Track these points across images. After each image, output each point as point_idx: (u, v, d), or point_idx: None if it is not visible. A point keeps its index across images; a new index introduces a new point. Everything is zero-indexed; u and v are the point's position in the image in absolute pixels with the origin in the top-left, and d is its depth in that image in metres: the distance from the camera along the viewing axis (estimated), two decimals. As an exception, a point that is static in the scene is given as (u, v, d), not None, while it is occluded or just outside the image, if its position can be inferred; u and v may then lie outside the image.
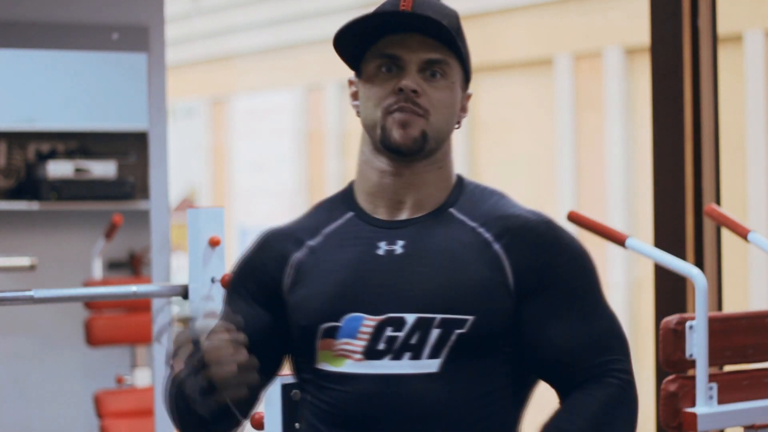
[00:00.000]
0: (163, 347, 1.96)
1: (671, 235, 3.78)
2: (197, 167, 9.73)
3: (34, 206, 4.69)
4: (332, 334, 1.98)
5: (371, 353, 1.96)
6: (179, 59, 9.01)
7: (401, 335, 1.95)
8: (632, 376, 2.00)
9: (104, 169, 4.75)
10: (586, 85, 6.55)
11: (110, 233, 4.75)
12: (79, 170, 4.73)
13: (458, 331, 1.94)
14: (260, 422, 2.55)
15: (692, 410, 2.70)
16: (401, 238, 2.00)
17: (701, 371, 2.71)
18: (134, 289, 2.83)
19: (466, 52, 2.04)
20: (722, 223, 3.21)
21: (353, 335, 1.97)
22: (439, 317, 1.95)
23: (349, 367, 1.97)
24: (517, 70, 6.94)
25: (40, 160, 4.73)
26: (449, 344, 1.95)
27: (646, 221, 4.63)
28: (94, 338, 4.73)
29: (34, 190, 4.71)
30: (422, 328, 1.95)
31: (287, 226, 2.09)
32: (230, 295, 2.09)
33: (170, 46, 4.50)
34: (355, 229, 2.03)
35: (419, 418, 1.94)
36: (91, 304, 4.71)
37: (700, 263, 3.76)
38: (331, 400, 1.98)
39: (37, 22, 4.27)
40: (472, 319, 1.95)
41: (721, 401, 2.76)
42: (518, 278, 1.97)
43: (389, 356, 1.95)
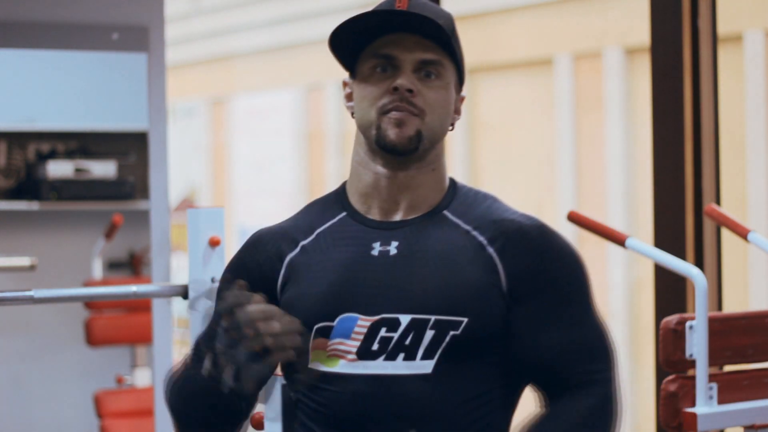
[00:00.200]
0: (163, 346, 1.98)
1: (671, 235, 3.78)
2: (197, 167, 9.72)
3: (34, 206, 4.69)
4: (325, 334, 1.98)
5: (365, 353, 1.96)
6: (179, 59, 9.01)
7: (395, 336, 1.95)
8: (616, 386, 1.99)
9: (104, 169, 4.75)
10: (586, 85, 6.55)
11: (110, 233, 4.75)
12: (79, 170, 4.73)
13: (452, 332, 1.95)
14: (260, 422, 2.55)
15: (692, 410, 2.70)
16: (395, 239, 2.00)
17: (701, 371, 2.71)
18: (134, 289, 2.83)
19: (460, 53, 2.04)
20: (722, 223, 3.21)
21: (347, 335, 1.97)
22: (433, 318, 1.95)
23: (342, 367, 1.97)
24: (517, 70, 6.94)
25: (40, 160, 4.73)
26: (443, 345, 1.95)
27: (646, 221, 4.63)
28: (94, 338, 4.73)
29: (34, 190, 4.71)
30: (416, 329, 1.95)
31: (279, 226, 2.09)
32: (224, 294, 2.09)
33: (170, 46, 4.50)
34: (348, 229, 2.03)
35: (412, 418, 1.94)
36: (91, 304, 4.71)
37: (700, 263, 3.76)
38: (324, 400, 1.98)
39: (37, 22, 4.27)
40: (466, 321, 1.95)
41: (721, 401, 2.76)
42: (511, 282, 1.98)
43: (383, 357, 1.96)
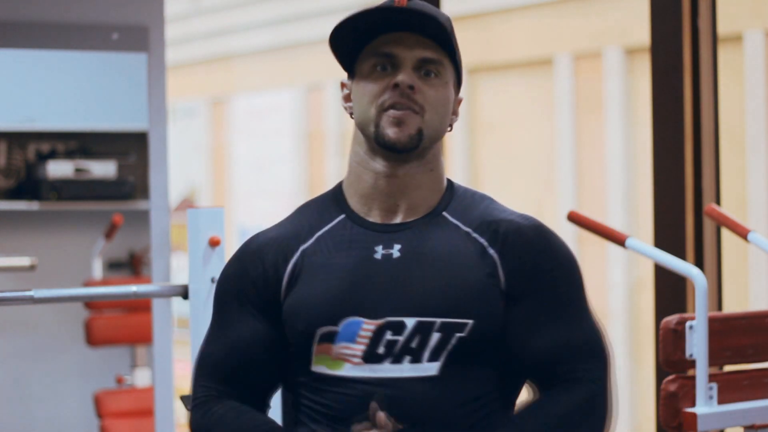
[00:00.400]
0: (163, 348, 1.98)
1: (671, 235, 3.78)
2: (197, 167, 9.72)
3: (34, 206, 4.69)
4: (330, 338, 1.97)
5: (371, 357, 1.96)
6: (179, 59, 9.01)
7: (401, 339, 1.95)
8: (607, 385, 1.99)
9: (104, 169, 4.75)
10: (586, 85, 6.55)
11: (110, 233, 4.75)
12: (79, 170, 4.72)
13: (458, 334, 1.95)
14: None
15: (692, 410, 2.70)
16: (398, 241, 2.00)
17: (701, 371, 2.71)
18: (134, 289, 2.83)
19: (459, 55, 2.04)
20: (722, 223, 3.21)
21: (352, 339, 1.96)
22: (439, 321, 1.95)
23: (348, 370, 1.97)
24: (517, 70, 6.94)
25: (40, 160, 4.73)
26: (449, 348, 1.95)
27: (646, 221, 4.63)
28: (94, 338, 4.73)
29: (34, 190, 4.70)
30: (422, 331, 1.95)
31: (277, 231, 2.07)
32: (229, 305, 2.06)
33: (170, 46, 4.50)
34: (349, 232, 2.02)
35: (418, 420, 1.94)
36: (91, 304, 4.71)
37: (700, 263, 3.76)
38: (329, 402, 1.98)
39: (37, 22, 4.27)
40: (471, 322, 1.95)
41: (721, 401, 2.76)
42: (509, 282, 1.98)
43: (389, 360, 1.95)
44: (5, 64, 4.51)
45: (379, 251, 2.00)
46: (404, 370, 1.95)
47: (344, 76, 2.09)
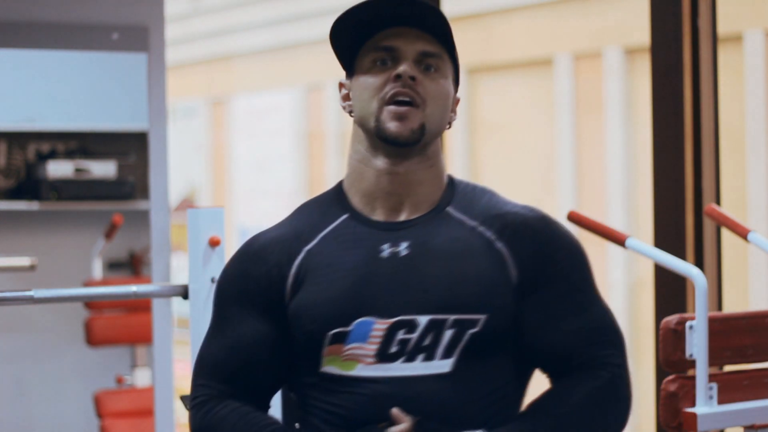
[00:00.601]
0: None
1: (671, 235, 3.78)
2: (197, 167, 9.72)
3: (34, 206, 4.69)
4: (341, 339, 1.97)
5: (384, 356, 1.95)
6: (179, 59, 9.00)
7: (414, 337, 1.95)
8: (626, 370, 2.01)
9: (104, 169, 4.75)
10: (586, 85, 6.54)
11: (110, 233, 4.75)
12: (79, 170, 4.72)
13: (471, 330, 1.95)
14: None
15: (692, 410, 2.70)
16: (404, 239, 2.00)
17: (701, 371, 2.71)
18: (134, 289, 2.83)
19: (457, 56, 2.05)
20: (722, 223, 3.20)
21: (364, 339, 1.96)
22: (452, 318, 1.95)
23: (360, 370, 1.96)
24: (517, 70, 6.93)
25: (40, 160, 4.73)
26: (462, 344, 1.95)
27: (646, 221, 4.63)
28: (94, 338, 4.73)
29: (34, 190, 4.71)
30: (435, 329, 1.95)
31: (278, 231, 2.06)
32: (231, 305, 2.05)
33: (170, 46, 4.50)
34: (353, 231, 2.02)
35: (432, 417, 1.94)
36: (91, 304, 4.71)
37: (700, 263, 3.76)
38: (342, 403, 1.97)
39: (37, 22, 4.27)
40: (484, 317, 1.95)
41: (721, 401, 2.75)
42: (520, 274, 1.99)
43: (402, 359, 1.95)
44: (5, 64, 4.51)
45: (385, 250, 1.99)
46: (417, 368, 1.95)
47: (343, 76, 2.09)
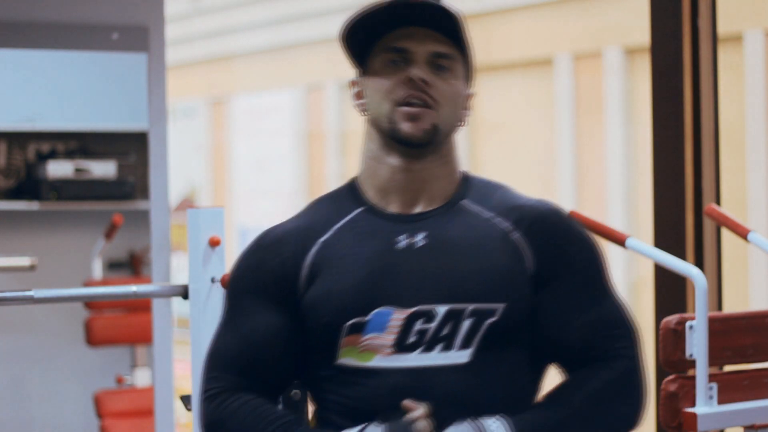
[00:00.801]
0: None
1: (671, 235, 3.78)
2: (197, 167, 9.72)
3: (34, 206, 4.69)
4: (359, 329, 1.96)
5: (402, 347, 1.95)
6: (179, 59, 9.00)
7: (432, 327, 1.95)
8: (641, 362, 2.02)
9: (104, 169, 4.75)
10: (586, 85, 6.55)
11: (110, 233, 4.75)
12: (79, 170, 4.72)
13: (490, 319, 1.95)
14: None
15: (692, 410, 2.70)
16: (421, 230, 2.00)
17: (701, 371, 2.71)
18: (134, 289, 2.83)
19: (470, 49, 2.04)
20: (722, 223, 3.20)
21: (382, 330, 1.95)
22: (470, 307, 1.95)
23: (378, 361, 1.95)
24: (517, 70, 6.94)
25: (40, 160, 4.73)
26: (481, 334, 1.95)
27: (646, 221, 4.63)
28: (94, 338, 4.73)
29: (34, 190, 4.70)
30: (454, 318, 1.95)
31: (292, 224, 2.06)
32: (244, 297, 2.04)
33: (170, 46, 4.50)
34: (368, 223, 2.02)
35: (449, 407, 1.93)
36: (91, 304, 4.71)
37: (700, 263, 3.76)
38: (359, 395, 1.96)
39: (37, 22, 4.27)
40: (502, 307, 1.96)
41: (721, 401, 2.75)
42: (536, 265, 2.00)
43: (420, 349, 1.95)
44: (5, 64, 4.51)
45: (401, 240, 1.99)
46: (436, 358, 1.94)
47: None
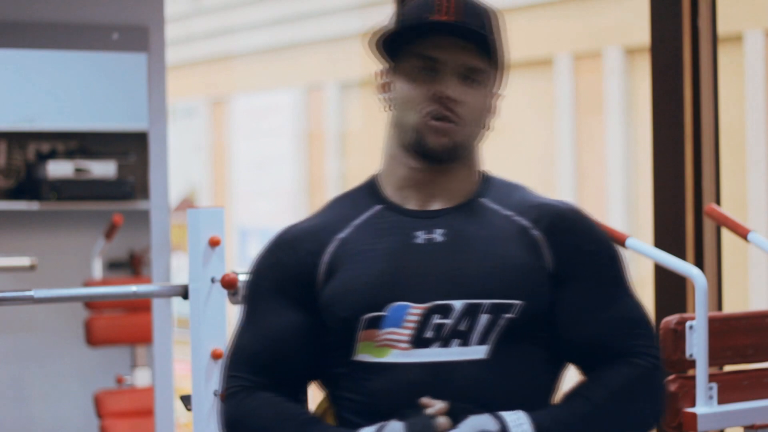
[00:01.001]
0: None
1: (671, 235, 3.78)
2: (197, 167, 9.73)
3: (34, 206, 4.69)
4: (376, 324, 1.96)
5: (419, 341, 1.95)
6: (179, 59, 9.01)
7: (449, 322, 1.95)
8: (661, 361, 2.02)
9: (104, 169, 4.75)
10: (586, 85, 6.55)
11: (110, 233, 4.75)
12: (79, 170, 4.73)
13: (507, 315, 1.95)
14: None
15: (692, 410, 2.70)
16: (440, 226, 2.00)
17: (701, 371, 2.71)
18: (134, 289, 2.83)
19: (503, 57, 2.04)
20: (722, 223, 3.20)
21: (399, 324, 1.95)
22: (488, 303, 1.95)
23: (395, 356, 1.95)
24: (517, 70, 6.93)
25: (40, 160, 4.73)
26: (498, 329, 1.95)
27: (646, 221, 4.63)
28: (94, 338, 4.73)
29: (34, 190, 4.71)
30: (471, 314, 1.95)
31: (309, 222, 2.07)
32: (263, 295, 2.04)
33: (170, 46, 4.50)
34: (387, 220, 2.02)
35: (468, 403, 1.93)
36: (91, 304, 4.71)
37: (700, 263, 3.76)
38: (375, 391, 1.96)
39: (37, 22, 4.27)
40: (520, 303, 1.96)
41: (721, 401, 2.76)
42: (557, 263, 2.00)
43: (437, 344, 1.95)
44: (5, 64, 4.51)
45: (420, 236, 1.99)
46: (453, 353, 1.94)
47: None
